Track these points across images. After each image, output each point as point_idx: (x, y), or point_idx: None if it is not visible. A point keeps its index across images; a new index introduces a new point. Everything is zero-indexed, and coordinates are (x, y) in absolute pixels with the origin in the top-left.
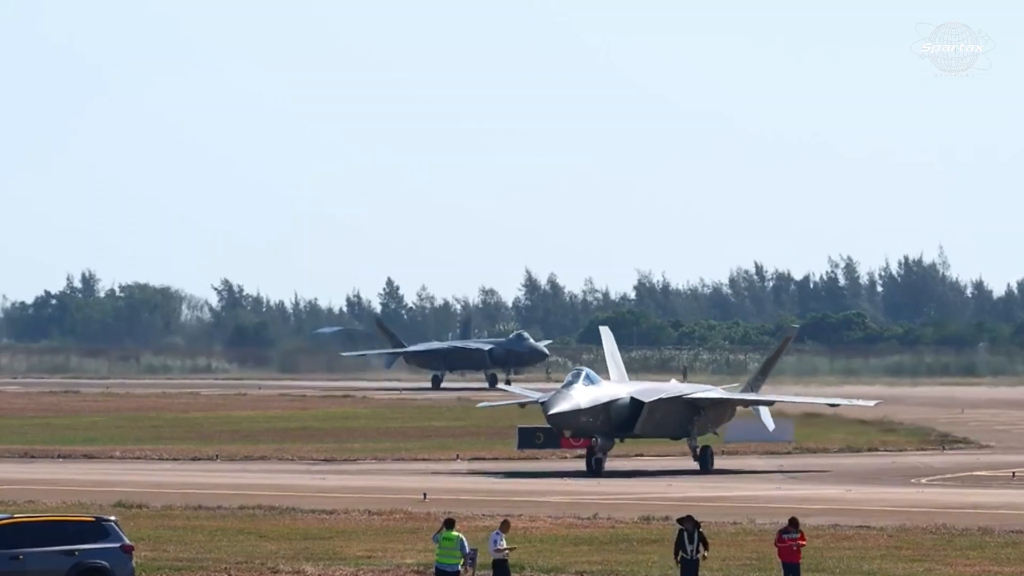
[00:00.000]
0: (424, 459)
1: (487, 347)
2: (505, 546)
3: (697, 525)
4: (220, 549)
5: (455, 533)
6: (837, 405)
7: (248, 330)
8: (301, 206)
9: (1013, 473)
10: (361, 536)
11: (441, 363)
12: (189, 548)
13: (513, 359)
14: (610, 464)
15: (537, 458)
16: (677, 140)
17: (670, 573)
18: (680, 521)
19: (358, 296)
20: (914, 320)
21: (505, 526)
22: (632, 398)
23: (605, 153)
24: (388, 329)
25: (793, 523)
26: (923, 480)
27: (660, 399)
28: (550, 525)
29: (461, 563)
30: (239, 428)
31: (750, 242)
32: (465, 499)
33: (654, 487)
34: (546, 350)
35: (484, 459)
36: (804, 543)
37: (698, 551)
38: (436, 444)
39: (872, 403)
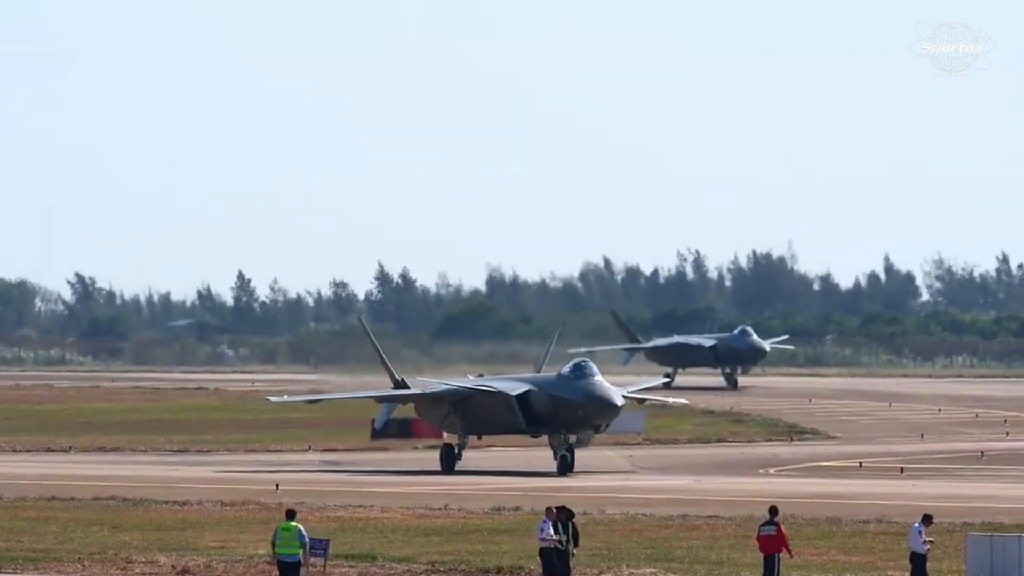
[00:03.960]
0: (277, 450)
1: (709, 343)
2: (553, 535)
3: (570, 516)
4: (74, 540)
5: (294, 524)
6: (644, 401)
7: (102, 323)
8: (153, 198)
9: (860, 463)
10: (214, 527)
11: (673, 359)
12: (43, 539)
13: (734, 356)
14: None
15: (388, 448)
16: (528, 133)
17: (522, 563)
18: (558, 510)
19: (208, 289)
20: (763, 313)
21: (550, 513)
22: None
23: (456, 147)
24: (625, 324)
25: (772, 511)
26: (771, 471)
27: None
28: (402, 516)
29: (300, 553)
30: (93, 420)
31: (600, 236)
32: (318, 489)
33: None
34: (767, 347)
35: (337, 450)
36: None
37: (570, 542)
38: (289, 435)
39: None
